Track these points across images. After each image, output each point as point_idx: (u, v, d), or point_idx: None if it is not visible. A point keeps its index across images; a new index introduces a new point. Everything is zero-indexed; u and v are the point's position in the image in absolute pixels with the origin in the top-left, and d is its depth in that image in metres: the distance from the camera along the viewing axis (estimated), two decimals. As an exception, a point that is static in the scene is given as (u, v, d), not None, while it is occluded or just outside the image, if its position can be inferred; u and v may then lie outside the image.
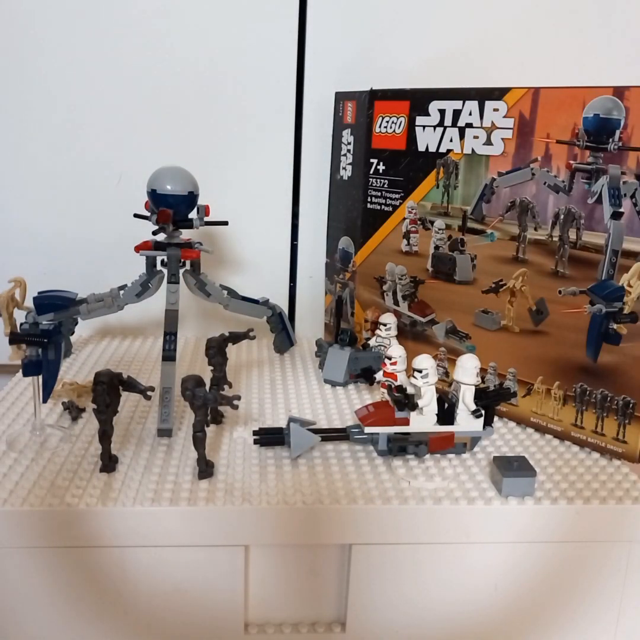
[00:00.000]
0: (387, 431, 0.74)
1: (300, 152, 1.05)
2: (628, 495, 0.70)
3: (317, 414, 0.85)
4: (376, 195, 0.93)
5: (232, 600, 0.69)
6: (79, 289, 0.85)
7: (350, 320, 1.01)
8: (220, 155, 1.04)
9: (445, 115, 0.84)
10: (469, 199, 0.84)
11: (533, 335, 0.81)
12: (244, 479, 0.70)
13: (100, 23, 0.99)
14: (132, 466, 0.72)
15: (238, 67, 1.01)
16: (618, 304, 0.74)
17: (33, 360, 0.76)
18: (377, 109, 0.90)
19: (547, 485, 0.71)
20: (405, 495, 0.68)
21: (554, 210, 0.77)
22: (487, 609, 0.71)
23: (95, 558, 0.66)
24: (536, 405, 0.82)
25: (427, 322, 0.91)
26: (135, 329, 1.11)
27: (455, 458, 0.75)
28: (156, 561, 0.67)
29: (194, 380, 0.69)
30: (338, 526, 0.67)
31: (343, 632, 0.70)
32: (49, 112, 1.01)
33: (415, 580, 0.69)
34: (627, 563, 0.70)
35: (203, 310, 1.10)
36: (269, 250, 1.09)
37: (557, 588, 0.71)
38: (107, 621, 0.68)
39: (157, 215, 0.80)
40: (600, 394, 0.76)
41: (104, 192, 1.05)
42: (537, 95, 0.76)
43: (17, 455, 0.73)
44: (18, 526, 0.64)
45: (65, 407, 0.82)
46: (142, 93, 1.01)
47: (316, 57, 1.01)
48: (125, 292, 0.84)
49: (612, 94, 0.71)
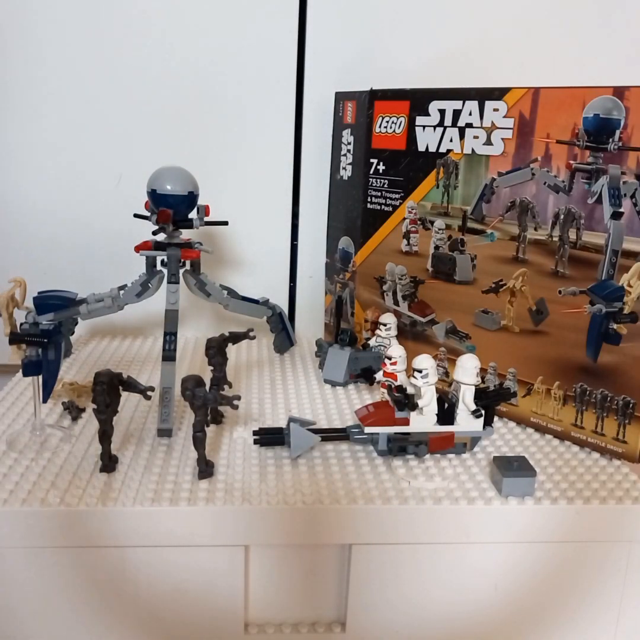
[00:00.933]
0: (387, 431, 0.74)
1: (300, 152, 1.05)
2: (628, 495, 0.70)
3: (317, 414, 0.85)
4: (376, 195, 0.93)
5: (232, 600, 0.69)
6: (79, 289, 0.84)
7: (350, 320, 1.01)
8: (220, 155, 1.04)
9: (445, 115, 0.84)
10: (469, 199, 0.84)
11: (533, 335, 0.81)
12: (244, 479, 0.70)
13: (100, 23, 0.99)
14: (132, 466, 0.72)
15: (238, 67, 1.01)
16: (618, 304, 0.73)
17: (33, 360, 0.76)
18: (377, 109, 0.90)
19: (547, 485, 0.71)
20: (405, 495, 0.68)
21: (554, 210, 0.77)
22: (487, 609, 0.71)
23: (95, 558, 0.66)
24: (536, 405, 0.82)
25: (427, 322, 0.91)
26: (135, 329, 1.11)
27: (455, 458, 0.75)
28: (156, 561, 0.67)
29: (194, 380, 0.69)
30: (338, 526, 0.67)
31: (343, 632, 0.70)
32: (49, 112, 1.01)
33: (415, 580, 0.69)
34: (627, 563, 0.70)
35: (203, 310, 1.10)
36: (269, 250, 1.09)
37: (557, 588, 0.71)
38: (107, 621, 0.68)
39: (157, 215, 0.80)
40: (600, 394, 0.76)
41: (104, 192, 1.05)
42: (537, 95, 0.76)
43: (17, 455, 0.73)
44: (18, 526, 0.64)
45: (65, 407, 0.82)
46: (142, 93, 1.01)
47: (316, 57, 1.01)
48: (125, 292, 0.84)
49: (612, 94, 0.71)
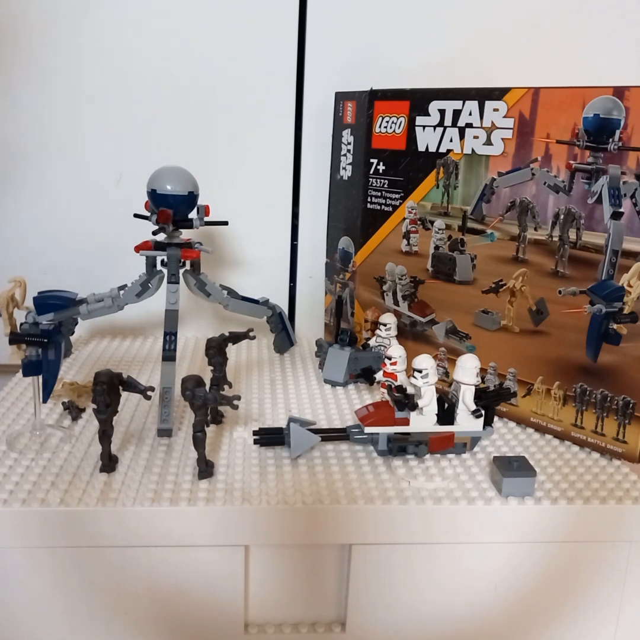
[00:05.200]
0: (387, 431, 0.74)
1: (300, 152, 1.05)
2: (628, 495, 0.70)
3: (317, 414, 0.85)
4: (376, 195, 0.93)
5: (232, 600, 0.69)
6: (79, 289, 0.84)
7: (350, 320, 1.01)
8: (220, 155, 1.04)
9: (445, 115, 0.84)
10: (469, 199, 0.84)
11: (533, 335, 0.81)
12: (244, 479, 0.70)
13: (99, 24, 0.99)
14: (132, 466, 0.72)
15: (238, 67, 1.01)
16: (618, 304, 0.73)
17: (33, 360, 0.76)
18: (377, 109, 0.90)
19: (547, 485, 0.71)
20: (405, 495, 0.68)
21: (554, 210, 0.77)
22: (488, 608, 0.71)
23: (95, 558, 0.66)
24: (536, 405, 0.81)
25: (427, 322, 0.91)
26: (135, 329, 1.11)
27: (455, 458, 0.75)
28: (156, 561, 0.67)
29: (194, 380, 0.69)
30: (338, 526, 0.67)
31: (343, 632, 0.70)
32: (48, 112, 1.01)
33: (414, 580, 0.69)
34: (627, 563, 0.70)
35: (203, 310, 1.10)
36: (269, 250, 1.09)
37: (557, 588, 0.71)
38: (108, 621, 0.68)
39: (157, 215, 0.80)
40: (600, 394, 0.76)
41: (104, 192, 1.05)
42: (537, 95, 0.76)
43: (17, 455, 0.73)
44: (18, 526, 0.64)
45: (65, 407, 0.82)
46: (142, 93, 1.01)
47: (316, 56, 1.01)
48: (125, 292, 0.84)
49: (612, 94, 0.71)
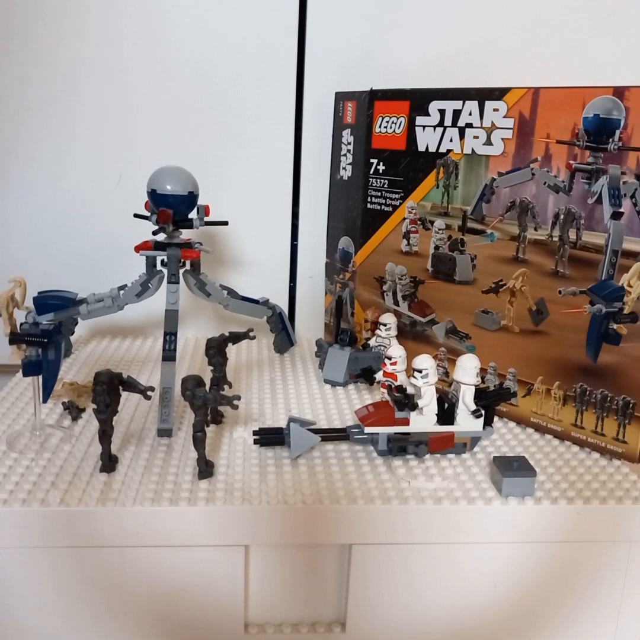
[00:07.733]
0: (387, 431, 0.74)
1: (300, 152, 1.05)
2: (628, 495, 0.70)
3: (317, 414, 0.85)
4: (376, 195, 0.93)
5: (232, 600, 0.69)
6: (79, 289, 0.85)
7: (350, 320, 1.01)
8: (220, 155, 1.04)
9: (445, 115, 0.84)
10: (469, 199, 0.84)
11: (533, 335, 0.81)
12: (244, 479, 0.70)
13: (98, 22, 0.98)
14: (132, 466, 0.72)
15: (238, 67, 1.01)
16: (618, 304, 0.73)
17: (33, 360, 0.76)
18: (377, 109, 0.90)
19: (547, 485, 0.71)
20: (405, 495, 0.68)
21: (554, 210, 0.77)
22: (488, 609, 0.71)
23: (95, 558, 0.66)
24: (536, 405, 0.81)
25: (427, 322, 0.91)
26: (135, 329, 1.11)
27: (455, 458, 0.75)
28: (156, 561, 0.67)
29: (194, 380, 0.69)
30: (338, 526, 0.67)
31: (343, 632, 0.70)
32: (48, 112, 1.01)
33: (414, 580, 0.69)
34: (627, 563, 0.70)
35: (203, 310, 1.10)
36: (269, 250, 1.09)
37: (557, 588, 0.71)
38: (107, 621, 0.68)
39: (157, 215, 0.80)
40: (600, 394, 0.76)
41: (104, 192, 1.05)
42: (537, 95, 0.76)
43: (17, 455, 0.73)
44: (18, 526, 0.64)
45: (65, 407, 0.82)
46: (142, 93, 1.01)
47: (316, 57, 1.01)
48: (125, 292, 0.84)
49: (612, 94, 0.71)
